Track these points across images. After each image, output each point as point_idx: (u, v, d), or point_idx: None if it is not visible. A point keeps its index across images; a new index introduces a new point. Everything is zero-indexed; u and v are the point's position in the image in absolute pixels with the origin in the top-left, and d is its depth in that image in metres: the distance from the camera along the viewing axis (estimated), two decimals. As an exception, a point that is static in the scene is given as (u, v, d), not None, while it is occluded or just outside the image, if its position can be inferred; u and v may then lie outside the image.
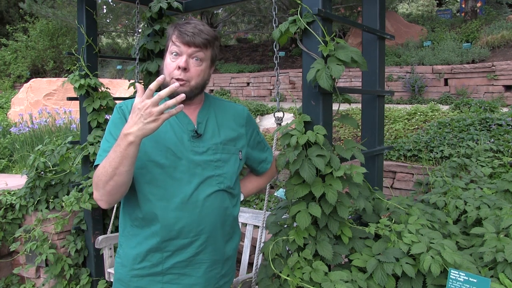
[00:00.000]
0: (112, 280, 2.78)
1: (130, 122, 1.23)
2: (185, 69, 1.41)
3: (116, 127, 1.44)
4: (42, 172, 3.41)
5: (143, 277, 1.43)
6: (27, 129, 5.93)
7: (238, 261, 3.07)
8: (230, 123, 1.58)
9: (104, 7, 11.23)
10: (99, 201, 1.38)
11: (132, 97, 3.20)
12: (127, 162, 1.26)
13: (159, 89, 1.36)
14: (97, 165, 1.39)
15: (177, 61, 1.42)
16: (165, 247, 1.41)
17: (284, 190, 1.88)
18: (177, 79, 1.41)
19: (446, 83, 7.20)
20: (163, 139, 1.42)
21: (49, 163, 3.36)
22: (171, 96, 1.25)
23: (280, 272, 1.69)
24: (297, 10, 1.77)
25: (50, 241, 3.23)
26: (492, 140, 3.61)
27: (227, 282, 1.57)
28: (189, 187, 1.41)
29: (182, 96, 1.22)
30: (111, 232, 2.93)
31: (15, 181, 4.18)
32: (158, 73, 3.10)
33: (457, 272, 1.51)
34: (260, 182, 1.80)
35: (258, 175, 1.79)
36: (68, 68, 12.40)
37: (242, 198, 1.68)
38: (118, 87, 8.20)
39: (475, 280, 1.47)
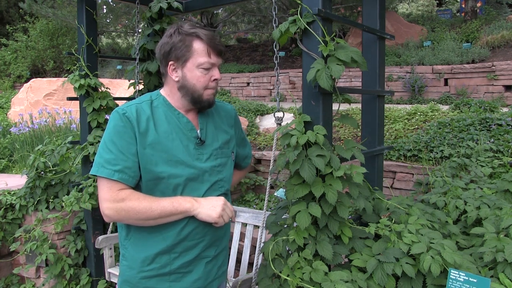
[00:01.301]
0: (112, 280, 2.78)
1: (209, 204, 1.42)
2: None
3: (120, 137, 1.40)
4: (42, 172, 3.40)
5: (151, 278, 1.47)
6: (27, 129, 5.92)
7: (238, 261, 3.06)
8: (224, 125, 1.63)
9: (104, 7, 11.23)
10: (106, 217, 1.40)
11: (132, 97, 3.20)
12: (172, 219, 1.40)
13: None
14: (94, 175, 1.40)
15: (210, 73, 1.48)
16: (173, 250, 1.46)
17: (284, 190, 1.88)
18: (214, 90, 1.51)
19: (446, 83, 7.20)
20: (171, 149, 1.44)
21: (49, 163, 3.36)
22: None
23: (280, 272, 1.69)
24: (297, 10, 1.77)
25: (50, 241, 3.23)
26: (492, 140, 3.61)
27: (224, 272, 1.67)
28: (198, 194, 1.47)
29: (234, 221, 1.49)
30: (111, 232, 2.93)
31: (15, 181, 4.18)
32: (158, 73, 3.10)
33: (457, 272, 1.51)
34: (241, 174, 1.91)
35: (240, 169, 1.87)
36: (68, 68, 12.40)
37: None
38: (118, 87, 8.19)
39: (475, 280, 1.47)
